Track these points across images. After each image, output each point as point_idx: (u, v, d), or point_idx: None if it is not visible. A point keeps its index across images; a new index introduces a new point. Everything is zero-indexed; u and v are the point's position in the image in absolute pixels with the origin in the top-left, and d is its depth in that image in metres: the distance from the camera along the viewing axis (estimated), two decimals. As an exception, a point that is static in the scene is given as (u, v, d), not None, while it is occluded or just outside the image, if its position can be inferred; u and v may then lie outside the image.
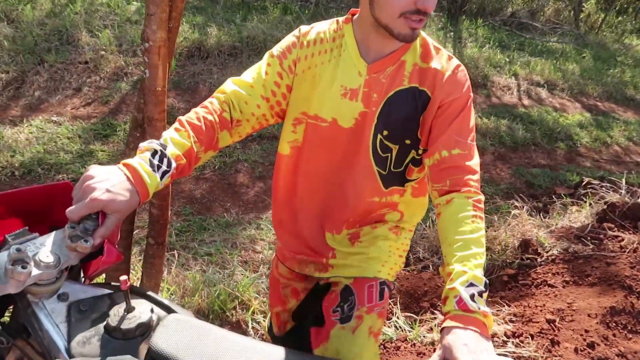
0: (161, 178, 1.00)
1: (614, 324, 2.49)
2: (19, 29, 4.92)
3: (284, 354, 0.85)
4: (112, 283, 0.92)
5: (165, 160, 1.02)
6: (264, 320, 2.36)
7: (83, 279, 0.95)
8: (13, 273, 0.76)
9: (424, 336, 2.41)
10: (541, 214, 3.66)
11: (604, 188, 3.83)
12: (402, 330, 2.44)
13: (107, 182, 0.92)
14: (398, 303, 2.62)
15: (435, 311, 2.61)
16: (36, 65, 4.61)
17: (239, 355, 0.80)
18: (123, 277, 0.79)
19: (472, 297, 0.92)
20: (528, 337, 2.39)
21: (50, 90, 4.47)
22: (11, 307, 0.90)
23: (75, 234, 0.86)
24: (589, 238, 3.19)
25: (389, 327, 2.45)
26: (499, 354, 0.85)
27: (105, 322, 0.80)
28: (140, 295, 0.90)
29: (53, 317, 0.82)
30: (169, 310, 0.88)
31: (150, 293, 0.91)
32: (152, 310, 0.84)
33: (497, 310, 2.63)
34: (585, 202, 3.80)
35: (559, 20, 10.71)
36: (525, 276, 2.93)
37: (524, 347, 2.34)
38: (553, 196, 4.10)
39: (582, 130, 6.01)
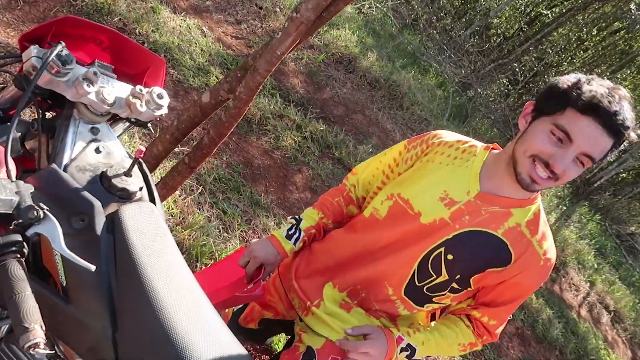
0: (295, 243, 1.46)
1: None
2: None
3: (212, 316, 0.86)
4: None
5: (297, 231, 1.48)
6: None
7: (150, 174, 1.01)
8: (78, 84, 0.91)
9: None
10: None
11: None
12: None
13: (261, 250, 1.44)
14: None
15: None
16: (225, -17, 5.04)
17: (174, 273, 0.84)
18: (142, 147, 0.87)
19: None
20: None
21: (219, 8, 4.86)
22: (57, 111, 1.02)
23: (144, 98, 1.00)
24: None
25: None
26: None
27: (105, 169, 0.89)
28: (143, 174, 0.98)
29: (77, 137, 0.93)
30: (154, 203, 0.96)
31: (152, 179, 0.98)
32: (141, 189, 0.92)
33: None
34: None
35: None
36: None
37: None
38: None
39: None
